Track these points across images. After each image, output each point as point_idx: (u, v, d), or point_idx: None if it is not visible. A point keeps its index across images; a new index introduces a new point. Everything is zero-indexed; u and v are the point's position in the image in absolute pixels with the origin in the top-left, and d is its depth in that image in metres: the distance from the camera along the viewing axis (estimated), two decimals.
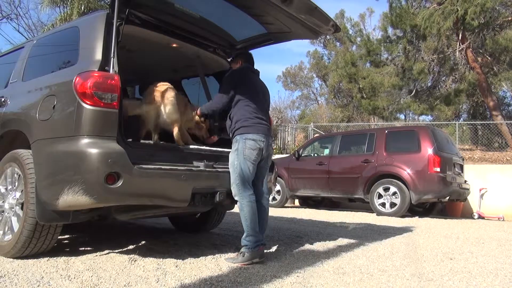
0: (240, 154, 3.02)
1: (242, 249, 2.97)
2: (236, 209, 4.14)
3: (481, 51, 15.46)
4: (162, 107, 3.28)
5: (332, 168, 8.59)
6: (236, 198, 3.04)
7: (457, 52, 14.24)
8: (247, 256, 2.91)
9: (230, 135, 3.20)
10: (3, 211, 3.05)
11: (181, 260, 2.96)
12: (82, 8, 15.13)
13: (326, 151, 9.53)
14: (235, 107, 3.18)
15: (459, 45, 13.99)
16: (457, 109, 18.81)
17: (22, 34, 26.99)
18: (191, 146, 3.41)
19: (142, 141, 3.30)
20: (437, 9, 13.09)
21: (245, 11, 3.29)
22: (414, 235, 5.03)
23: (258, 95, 3.27)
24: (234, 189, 3.03)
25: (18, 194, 2.97)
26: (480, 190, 9.22)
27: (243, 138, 3.04)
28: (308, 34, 3.55)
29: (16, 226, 2.87)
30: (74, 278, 2.40)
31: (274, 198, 9.19)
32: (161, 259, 2.95)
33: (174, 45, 3.65)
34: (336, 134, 10.22)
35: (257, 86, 3.32)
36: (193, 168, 2.97)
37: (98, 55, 2.75)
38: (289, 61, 60.95)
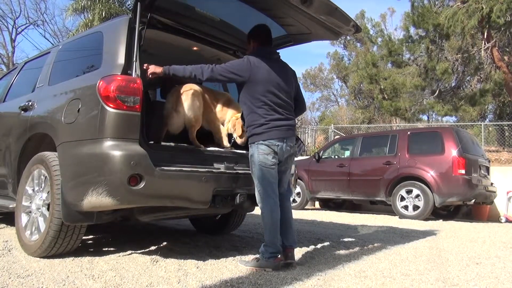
0: (255, 161, 2.88)
1: (258, 255, 2.92)
2: (256, 211, 4.15)
3: (507, 49, 15.01)
4: (184, 109, 3.33)
5: (353, 170, 8.49)
6: (259, 205, 2.95)
7: (482, 51, 13.85)
8: (260, 263, 2.84)
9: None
10: (30, 212, 3.14)
11: (202, 261, 2.98)
12: (103, 14, 15.49)
13: (347, 153, 9.44)
14: (245, 106, 2.96)
15: (485, 44, 13.61)
16: (483, 110, 18.27)
17: (48, 40, 27.95)
18: (211, 148, 3.44)
19: (163, 143, 3.34)
20: (461, 8, 12.77)
21: (264, 13, 3.29)
22: (438, 238, 4.91)
23: (276, 88, 2.92)
24: (257, 196, 2.94)
25: (44, 195, 3.06)
26: (508, 193, 8.93)
27: (256, 144, 2.88)
28: (328, 35, 3.52)
29: (42, 226, 2.95)
30: (98, 277, 2.45)
31: (294, 200, 9.14)
32: (182, 260, 2.98)
33: (195, 48, 3.69)
34: (357, 135, 10.10)
35: (274, 78, 2.92)
36: (213, 170, 2.99)
37: (121, 59, 2.81)
38: (308, 62, 60.71)
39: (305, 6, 2.93)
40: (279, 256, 2.90)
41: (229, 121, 3.58)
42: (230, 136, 3.67)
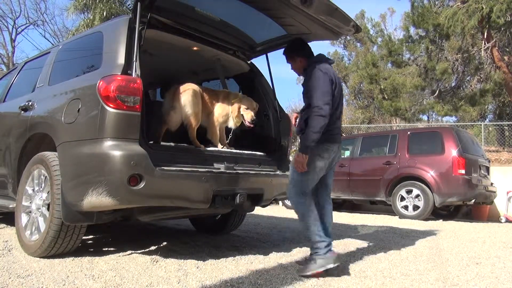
0: (311, 162, 2.78)
1: (313, 256, 2.77)
2: (256, 211, 4.15)
3: (507, 49, 15.02)
4: (182, 106, 3.33)
5: (353, 170, 8.49)
6: (293, 202, 2.89)
7: (482, 51, 13.86)
8: (320, 263, 2.71)
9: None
10: (30, 212, 3.14)
11: (201, 261, 2.98)
12: (104, 14, 15.47)
13: (347, 153, 9.43)
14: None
15: (485, 44, 13.62)
16: (483, 110, 18.27)
17: (48, 40, 27.93)
18: (211, 148, 3.44)
19: (163, 143, 3.34)
20: (461, 8, 12.78)
21: (264, 13, 3.29)
22: (438, 238, 4.91)
23: (338, 95, 2.91)
24: (290, 192, 2.89)
25: (44, 195, 3.06)
26: (508, 193, 8.92)
27: (317, 147, 2.77)
28: (328, 35, 3.52)
29: (42, 226, 2.95)
30: (98, 277, 2.45)
31: None
32: (182, 260, 2.98)
33: (195, 48, 3.69)
34: (357, 135, 10.10)
35: (337, 85, 2.90)
36: (213, 170, 2.99)
37: (121, 59, 2.80)
38: None
39: (305, 6, 2.94)
40: (332, 248, 2.81)
41: (232, 111, 3.58)
42: (227, 134, 3.68)
